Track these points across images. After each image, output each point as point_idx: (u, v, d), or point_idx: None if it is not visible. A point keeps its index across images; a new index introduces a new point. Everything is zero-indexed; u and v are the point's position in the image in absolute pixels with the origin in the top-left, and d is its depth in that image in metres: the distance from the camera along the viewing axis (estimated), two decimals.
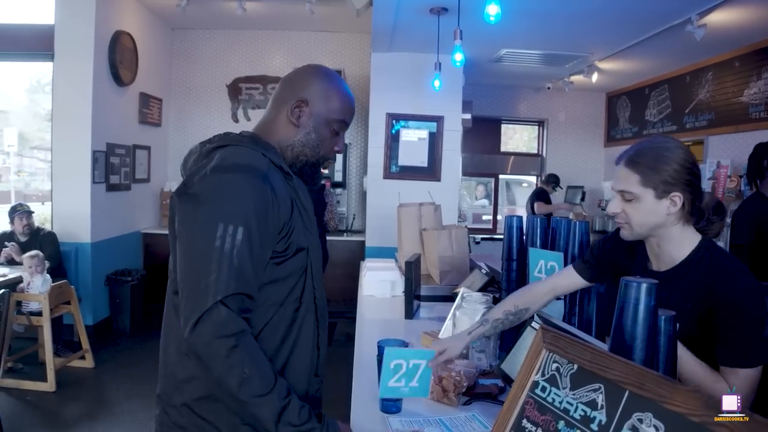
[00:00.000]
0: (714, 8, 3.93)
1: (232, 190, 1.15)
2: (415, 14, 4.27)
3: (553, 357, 1.03)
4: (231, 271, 1.11)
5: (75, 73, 5.10)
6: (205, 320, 1.08)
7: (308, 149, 1.37)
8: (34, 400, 3.90)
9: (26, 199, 8.07)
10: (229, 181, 1.16)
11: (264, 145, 1.31)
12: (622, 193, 1.45)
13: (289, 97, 1.36)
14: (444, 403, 1.71)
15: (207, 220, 1.13)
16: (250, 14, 5.79)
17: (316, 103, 1.36)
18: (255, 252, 1.16)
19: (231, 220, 1.12)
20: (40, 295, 4.12)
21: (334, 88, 1.39)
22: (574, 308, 2.05)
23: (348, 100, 1.41)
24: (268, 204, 1.18)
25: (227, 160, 1.19)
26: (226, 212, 1.13)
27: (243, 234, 1.13)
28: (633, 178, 1.41)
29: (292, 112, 1.35)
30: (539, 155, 8.10)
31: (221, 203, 1.14)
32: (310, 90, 1.36)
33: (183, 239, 1.16)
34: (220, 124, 6.86)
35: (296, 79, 1.39)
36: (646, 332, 1.11)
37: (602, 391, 0.93)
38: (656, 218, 1.42)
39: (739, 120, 5.02)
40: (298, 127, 1.36)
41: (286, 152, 1.36)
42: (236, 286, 1.11)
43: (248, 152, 1.24)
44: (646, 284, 1.10)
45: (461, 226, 3.46)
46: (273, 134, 1.37)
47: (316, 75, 1.39)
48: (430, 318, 2.77)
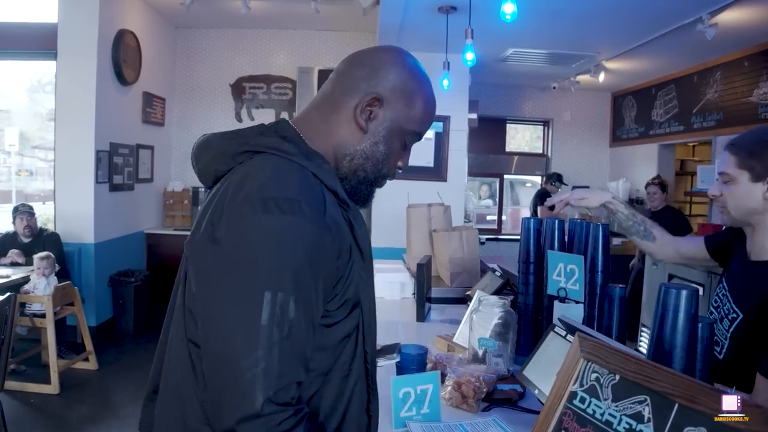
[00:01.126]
0: (725, 7, 3.89)
1: (281, 243, 0.86)
2: (423, 13, 4.23)
3: (592, 367, 0.99)
4: (283, 356, 0.85)
5: (78, 72, 5.07)
6: (253, 424, 0.83)
7: (370, 163, 1.05)
8: (37, 402, 3.86)
9: (28, 198, 8.04)
10: (277, 228, 0.86)
11: (315, 159, 0.99)
12: (721, 176, 1.47)
13: (360, 87, 1.02)
14: (463, 409, 1.68)
15: (248, 286, 0.85)
16: (255, 13, 5.75)
17: (395, 106, 1.03)
18: (312, 322, 0.90)
19: (281, 286, 0.85)
20: (43, 297, 4.08)
21: (421, 88, 1.06)
22: (594, 311, 2.00)
23: (432, 107, 1.09)
24: (327, 255, 0.91)
25: (271, 190, 0.88)
26: (274, 275, 0.85)
27: (296, 303, 0.86)
28: (732, 160, 1.44)
29: (362, 110, 1.02)
30: (544, 155, 8.06)
31: (268, 262, 0.86)
32: (390, 85, 1.03)
33: (213, 307, 0.88)
34: (223, 123, 6.83)
35: (372, 65, 1.04)
36: (686, 341, 1.07)
37: (648, 404, 0.88)
38: (751, 202, 1.42)
39: (749, 120, 4.97)
40: (366, 133, 1.03)
41: (342, 161, 1.04)
42: (291, 376, 0.87)
43: (296, 175, 0.93)
44: (686, 291, 1.06)
45: (472, 227, 3.42)
46: (326, 135, 1.04)
47: (402, 66, 1.05)
48: (441, 321, 2.73)
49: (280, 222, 0.86)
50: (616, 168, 7.68)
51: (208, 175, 1.04)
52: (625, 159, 7.50)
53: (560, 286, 2.00)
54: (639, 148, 7.12)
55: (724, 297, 1.50)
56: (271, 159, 0.96)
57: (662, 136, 6.55)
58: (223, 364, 0.86)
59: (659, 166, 6.74)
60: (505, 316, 2.00)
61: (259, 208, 0.87)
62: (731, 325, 1.44)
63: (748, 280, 1.46)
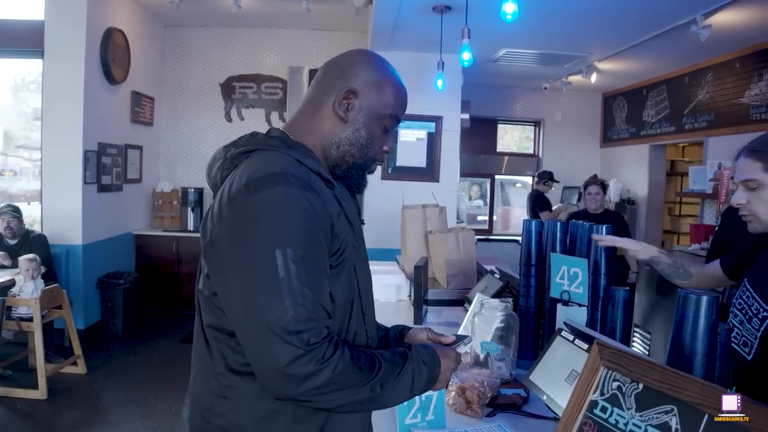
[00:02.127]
0: (719, 9, 3.90)
1: (276, 209, 1.00)
2: (418, 12, 4.20)
3: (614, 375, 0.96)
4: (307, 302, 0.98)
5: (66, 71, 4.97)
6: (301, 362, 0.96)
7: (356, 149, 1.18)
8: (24, 408, 3.77)
9: (12, 199, 7.90)
10: (269, 198, 1.00)
11: (298, 149, 1.13)
12: (746, 183, 1.44)
13: (335, 86, 1.17)
14: (468, 414, 1.66)
15: (261, 250, 0.98)
16: (245, 11, 5.69)
17: (368, 95, 1.17)
18: (324, 270, 1.04)
19: (288, 244, 0.98)
20: (30, 300, 3.99)
21: (388, 77, 1.20)
22: (596, 314, 1.98)
23: (403, 92, 1.23)
24: (319, 212, 1.03)
25: (259, 172, 1.03)
26: (278, 236, 0.99)
27: (304, 255, 0.99)
28: (756, 166, 1.42)
29: (339, 104, 1.16)
30: (535, 155, 8.06)
31: (270, 227, 0.99)
32: (361, 79, 1.17)
33: (236, 275, 1.01)
34: (213, 123, 6.76)
35: (343, 66, 1.20)
36: (706, 347, 1.04)
37: (676, 414, 0.85)
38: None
39: (740, 121, 5.00)
40: (346, 122, 1.17)
41: (329, 151, 1.18)
42: (319, 319, 1.00)
43: (281, 158, 1.08)
44: (706, 297, 1.03)
45: (468, 229, 3.40)
46: (312, 132, 1.19)
47: (368, 62, 1.20)
48: (438, 323, 2.70)
49: (271, 192, 1.00)
50: (606, 168, 7.70)
51: (217, 184, 1.17)
52: (616, 159, 7.53)
53: (563, 289, 1.97)
54: (630, 149, 7.14)
55: (749, 298, 1.46)
56: (260, 153, 1.10)
57: (653, 137, 6.58)
58: (257, 323, 0.97)
59: (650, 166, 6.77)
60: (507, 320, 1.97)
61: (252, 189, 1.01)
62: (762, 324, 1.42)
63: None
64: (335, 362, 0.98)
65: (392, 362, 1.08)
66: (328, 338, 1.00)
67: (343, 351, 1.01)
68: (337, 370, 0.98)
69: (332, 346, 0.99)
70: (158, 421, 3.66)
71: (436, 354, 1.16)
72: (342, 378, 0.99)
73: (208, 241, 1.07)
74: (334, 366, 0.98)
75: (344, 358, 1.00)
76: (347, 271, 1.13)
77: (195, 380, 1.17)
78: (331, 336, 1.01)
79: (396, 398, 1.10)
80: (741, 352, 1.36)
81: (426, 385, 1.13)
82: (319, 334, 0.98)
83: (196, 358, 1.17)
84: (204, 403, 1.12)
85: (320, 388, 0.98)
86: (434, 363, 1.15)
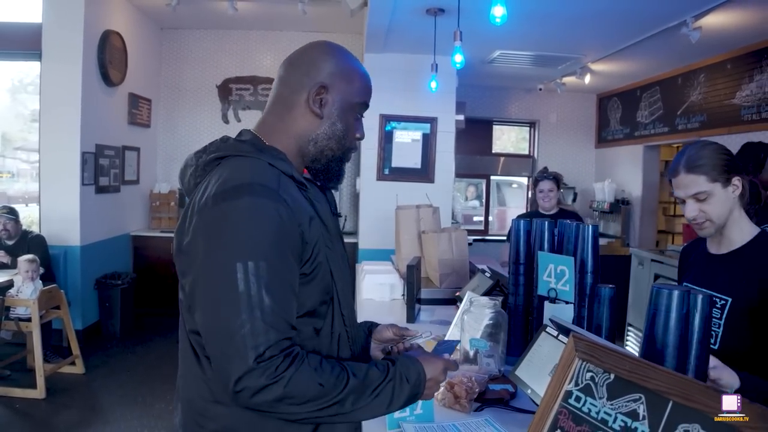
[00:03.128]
0: (709, 11, 3.94)
1: (241, 221, 1.00)
2: (411, 15, 4.24)
3: (588, 366, 1.01)
4: (266, 316, 0.98)
5: (63, 73, 5.01)
6: (251, 376, 0.96)
7: (334, 142, 1.19)
8: (23, 407, 3.81)
9: (10, 200, 7.92)
10: (235, 209, 1.00)
11: (270, 152, 1.13)
12: (696, 196, 1.59)
13: (304, 83, 1.17)
14: (456, 409, 1.69)
15: (223, 262, 0.99)
16: (241, 14, 5.72)
17: (338, 87, 1.17)
18: (288, 283, 1.04)
19: (250, 256, 0.98)
20: (29, 300, 4.03)
21: (352, 65, 1.21)
22: (583, 311, 2.02)
23: (367, 77, 1.24)
24: (287, 223, 1.03)
25: (228, 182, 1.03)
26: (241, 248, 0.99)
27: (266, 268, 0.99)
28: (700, 179, 1.57)
29: (313, 100, 1.16)
30: (530, 156, 8.11)
31: (233, 239, 0.99)
32: (328, 72, 1.17)
33: (200, 286, 1.03)
34: (210, 125, 6.79)
35: (307, 62, 1.19)
36: (677, 340, 1.09)
37: (643, 401, 0.90)
38: (728, 204, 1.59)
39: (732, 122, 5.05)
40: (322, 118, 1.17)
41: (307, 148, 1.18)
42: (278, 332, 0.99)
43: (252, 166, 1.07)
44: (677, 291, 1.08)
45: (460, 229, 3.44)
46: (285, 132, 1.18)
47: (331, 54, 1.20)
48: (431, 321, 2.74)
49: (238, 203, 1.00)
50: (601, 169, 7.75)
51: (191, 190, 1.18)
52: (611, 160, 7.57)
53: (550, 287, 2.02)
54: (624, 150, 7.19)
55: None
56: (231, 160, 1.10)
57: (647, 138, 6.62)
58: (216, 334, 0.99)
59: (644, 167, 6.82)
60: (495, 317, 2.01)
61: (219, 199, 1.02)
62: (722, 311, 1.58)
63: (727, 269, 1.62)
64: (288, 377, 0.97)
65: (367, 379, 1.06)
66: (285, 352, 0.99)
67: (300, 366, 0.99)
68: (289, 386, 0.97)
69: (288, 361, 0.98)
70: (155, 420, 3.70)
71: (422, 370, 1.14)
72: (297, 393, 0.98)
73: (177, 250, 1.10)
74: (286, 381, 0.97)
75: (300, 373, 0.99)
76: (322, 275, 1.12)
77: (185, 385, 1.17)
78: (291, 350, 1.00)
79: (371, 413, 1.09)
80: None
81: (407, 401, 1.12)
82: (276, 347, 0.98)
83: (185, 365, 1.17)
84: (196, 408, 1.12)
85: (274, 402, 0.98)
86: (419, 380, 1.13)
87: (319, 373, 1.01)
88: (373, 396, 1.06)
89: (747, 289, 1.54)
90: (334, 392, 1.02)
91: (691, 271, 1.78)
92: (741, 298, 1.55)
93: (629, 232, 6.88)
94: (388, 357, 1.19)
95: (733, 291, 1.58)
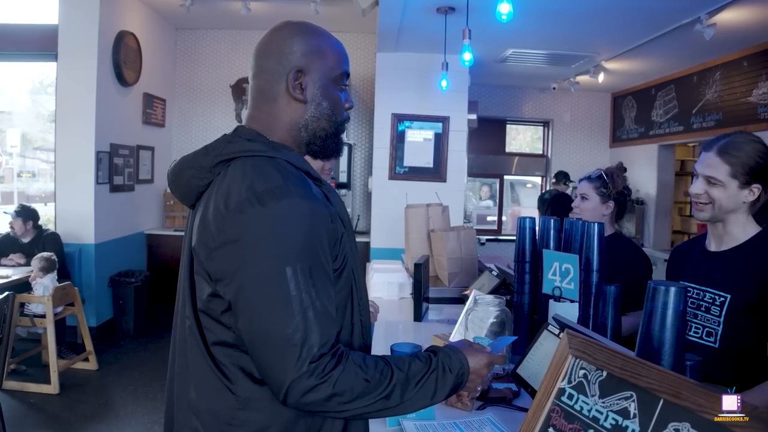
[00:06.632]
0: (723, 7, 3.89)
1: (284, 224, 0.99)
2: (422, 14, 4.24)
3: (581, 363, 1.00)
4: (318, 317, 0.99)
5: (79, 74, 5.08)
6: (301, 380, 0.97)
7: (324, 121, 1.16)
8: (37, 402, 3.87)
9: (30, 200, 8.05)
10: (276, 213, 0.99)
11: (281, 149, 1.11)
12: (709, 179, 1.56)
13: (279, 71, 1.14)
14: (458, 407, 1.68)
15: (272, 267, 0.98)
16: (255, 14, 5.76)
17: (314, 67, 1.14)
18: (331, 282, 1.05)
19: (297, 259, 0.98)
20: (43, 297, 4.09)
21: (322, 39, 1.17)
22: (589, 310, 2.00)
23: (340, 45, 1.20)
24: (323, 221, 1.04)
25: (257, 187, 1.01)
26: (288, 251, 0.98)
27: (312, 268, 1.00)
28: (723, 168, 1.53)
29: (293, 87, 1.13)
30: (544, 156, 8.06)
31: (279, 242, 0.99)
32: (300, 54, 1.14)
33: (248, 292, 1.00)
34: (223, 124, 6.84)
35: (277, 48, 1.15)
36: (674, 338, 1.07)
37: (634, 399, 0.89)
38: (735, 204, 1.56)
39: (748, 120, 4.97)
40: (306, 102, 1.15)
41: (300, 134, 1.16)
42: (329, 333, 1.00)
43: (275, 166, 1.05)
44: (674, 288, 1.07)
45: (469, 228, 3.43)
46: (276, 124, 1.15)
47: (298, 34, 1.16)
48: (439, 320, 2.74)
49: (278, 207, 0.99)
50: None
51: (190, 193, 1.15)
52: (626, 159, 7.48)
53: (555, 285, 2.00)
54: (639, 149, 7.12)
55: (699, 293, 1.62)
56: (246, 161, 1.07)
57: (662, 137, 6.55)
58: (269, 340, 0.98)
59: (659, 166, 6.75)
60: (500, 315, 2.00)
61: (255, 203, 0.99)
62: (721, 309, 1.56)
63: (726, 266, 1.59)
64: (336, 376, 0.98)
65: (410, 371, 1.07)
66: (332, 351, 1.00)
67: (346, 364, 1.00)
68: (338, 384, 0.98)
69: (335, 360, 0.99)
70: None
71: (465, 360, 1.14)
72: (346, 390, 0.99)
73: (207, 257, 1.05)
74: (335, 380, 0.98)
75: (347, 371, 1.00)
76: (348, 270, 1.13)
77: (199, 398, 1.11)
78: (337, 348, 1.01)
79: (416, 406, 1.09)
80: (706, 344, 1.40)
81: (452, 391, 1.12)
82: (326, 347, 0.99)
83: (197, 378, 1.11)
84: (224, 419, 1.08)
85: (324, 401, 0.98)
86: (462, 370, 1.13)
87: (364, 370, 1.02)
88: (418, 388, 1.06)
89: (746, 285, 1.52)
90: (380, 387, 1.02)
91: (687, 270, 1.75)
92: (740, 294, 1.53)
93: (644, 232, 6.81)
94: (430, 348, 1.18)
95: (732, 288, 1.55)
